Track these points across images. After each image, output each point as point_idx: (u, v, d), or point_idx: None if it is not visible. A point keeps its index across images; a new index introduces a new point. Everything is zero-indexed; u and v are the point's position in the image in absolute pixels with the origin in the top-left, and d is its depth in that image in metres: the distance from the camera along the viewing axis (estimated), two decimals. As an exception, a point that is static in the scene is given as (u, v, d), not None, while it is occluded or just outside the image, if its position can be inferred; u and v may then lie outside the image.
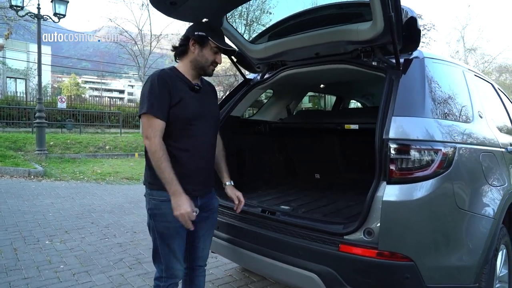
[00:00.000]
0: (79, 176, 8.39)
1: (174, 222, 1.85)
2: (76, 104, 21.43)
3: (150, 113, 1.78)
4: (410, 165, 1.73)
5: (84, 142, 12.68)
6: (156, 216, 1.90)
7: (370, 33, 2.16)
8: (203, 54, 1.93)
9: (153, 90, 1.82)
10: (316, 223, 2.00)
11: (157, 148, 1.77)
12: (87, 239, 4.18)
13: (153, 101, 1.80)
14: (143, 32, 19.60)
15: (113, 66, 43.54)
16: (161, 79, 1.85)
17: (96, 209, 5.54)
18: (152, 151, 1.78)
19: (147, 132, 1.79)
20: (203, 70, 1.98)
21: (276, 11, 2.77)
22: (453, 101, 2.13)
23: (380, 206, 1.72)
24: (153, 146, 1.77)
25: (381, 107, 1.91)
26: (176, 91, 1.87)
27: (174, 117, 1.86)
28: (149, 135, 1.79)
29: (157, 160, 1.77)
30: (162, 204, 1.87)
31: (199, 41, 1.92)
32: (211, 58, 1.96)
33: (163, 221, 1.89)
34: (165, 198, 1.84)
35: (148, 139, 1.79)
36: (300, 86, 3.51)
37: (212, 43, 1.93)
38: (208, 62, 1.96)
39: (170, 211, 1.81)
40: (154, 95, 1.81)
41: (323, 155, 3.38)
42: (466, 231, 1.84)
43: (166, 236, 1.91)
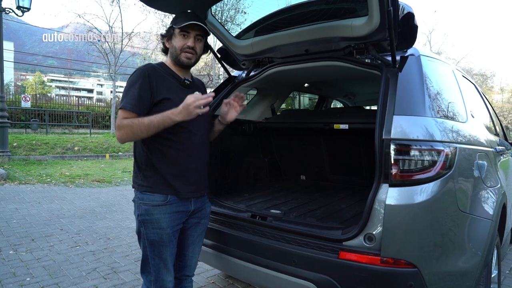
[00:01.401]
0: (46, 179, 7.92)
1: (168, 229, 1.77)
2: (41, 103, 20.44)
3: (125, 108, 1.69)
4: (412, 167, 1.65)
5: (51, 143, 12.06)
6: (147, 223, 1.77)
7: (365, 29, 2.08)
8: (172, 44, 1.88)
9: (133, 84, 1.74)
10: (312, 229, 1.88)
11: (128, 122, 1.66)
12: (56, 247, 3.89)
13: (131, 96, 1.71)
14: (114, 29, 18.95)
15: (81, 64, 42.03)
16: (143, 73, 1.76)
17: (65, 215, 5.21)
18: (129, 130, 1.66)
19: (116, 123, 1.71)
20: (178, 60, 1.87)
21: (250, 10, 2.67)
22: (448, 100, 2.08)
23: (382, 210, 1.63)
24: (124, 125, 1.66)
25: (379, 106, 1.83)
26: (162, 87, 1.77)
27: None
28: (118, 124, 1.70)
29: (138, 126, 1.65)
30: (154, 210, 1.76)
31: (167, 35, 1.90)
32: (179, 44, 1.85)
33: (155, 228, 1.77)
34: (157, 202, 1.76)
35: (118, 127, 1.69)
36: (286, 85, 3.40)
37: (176, 29, 1.85)
38: (178, 50, 1.85)
39: (164, 216, 1.75)
40: (133, 90, 1.72)
41: (309, 156, 3.29)
42: (468, 234, 1.79)
43: (157, 244, 1.79)
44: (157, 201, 1.76)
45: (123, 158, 12.54)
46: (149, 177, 1.79)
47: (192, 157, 1.85)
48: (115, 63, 18.18)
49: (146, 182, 1.77)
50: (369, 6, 1.93)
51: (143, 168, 1.80)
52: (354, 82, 3.54)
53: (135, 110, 1.69)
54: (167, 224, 1.76)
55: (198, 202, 1.92)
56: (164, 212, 1.77)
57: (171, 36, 1.88)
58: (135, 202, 1.84)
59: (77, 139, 13.22)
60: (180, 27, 1.82)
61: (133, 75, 1.78)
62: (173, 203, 1.79)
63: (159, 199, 1.76)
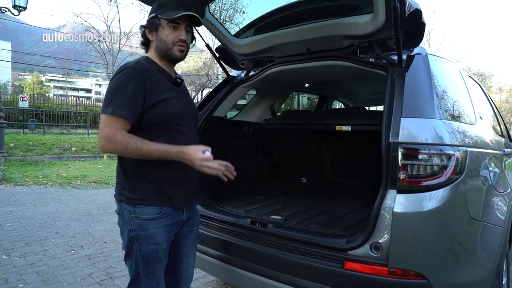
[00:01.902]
0: (42, 180, 7.81)
1: (164, 243, 1.62)
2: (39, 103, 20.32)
3: (117, 115, 1.47)
4: (421, 172, 1.56)
5: (48, 144, 11.94)
6: (141, 239, 1.59)
7: (369, 27, 1.99)
8: (159, 37, 1.64)
9: (124, 86, 1.50)
10: (314, 237, 1.79)
11: (123, 141, 1.45)
12: (50, 251, 3.79)
13: (122, 101, 1.48)
14: (112, 29, 18.85)
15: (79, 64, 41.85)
16: (136, 73, 1.53)
17: (61, 217, 5.11)
18: (122, 148, 1.46)
19: (105, 132, 1.46)
20: (169, 55, 1.66)
21: (249, 10, 2.58)
22: (457, 101, 1.99)
23: (389, 217, 1.55)
24: (119, 142, 1.45)
25: (386, 107, 1.74)
26: (158, 88, 1.58)
27: (159, 117, 1.57)
28: (109, 135, 1.45)
29: (136, 150, 1.47)
30: (149, 224, 1.58)
31: (151, 26, 1.64)
32: (170, 38, 1.63)
33: (150, 244, 1.59)
34: (152, 216, 1.58)
35: (109, 140, 1.45)
36: (287, 85, 3.31)
37: (163, 20, 1.62)
38: (169, 44, 1.64)
39: (160, 230, 1.59)
40: (124, 93, 1.49)
41: (310, 158, 3.20)
42: (479, 243, 1.70)
43: (152, 261, 1.62)
44: (152, 214, 1.58)
45: (121, 159, 12.43)
46: (141, 188, 1.59)
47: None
48: (113, 63, 18.08)
49: (138, 194, 1.58)
50: (374, 3, 1.84)
51: (134, 179, 1.60)
52: (356, 82, 3.45)
53: (129, 119, 1.49)
54: (163, 239, 1.61)
55: (190, 210, 1.79)
56: (160, 226, 1.60)
57: (156, 27, 1.63)
58: (123, 215, 1.62)
59: (74, 140, 13.12)
60: (171, 18, 1.61)
61: (122, 74, 1.53)
62: (168, 215, 1.63)
63: (154, 212, 1.59)
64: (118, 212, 1.66)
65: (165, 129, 1.59)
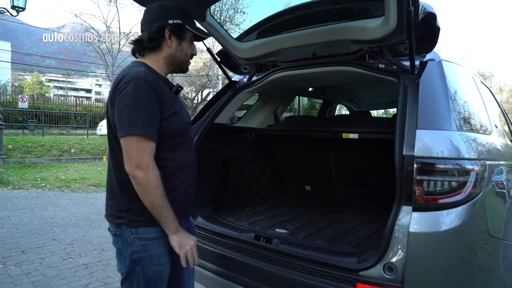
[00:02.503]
0: (40, 183, 7.71)
1: (168, 263, 1.53)
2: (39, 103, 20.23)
3: (144, 135, 1.33)
4: (439, 188, 1.46)
5: (47, 145, 11.84)
6: (145, 260, 1.47)
7: (380, 31, 1.89)
8: (182, 48, 1.53)
9: (142, 102, 1.35)
10: (323, 255, 1.68)
11: (157, 182, 1.36)
12: (47, 260, 3.69)
13: (145, 118, 1.34)
14: (111, 29, 18.73)
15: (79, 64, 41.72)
16: (151, 87, 1.38)
17: (59, 223, 5.00)
18: (151, 186, 1.35)
19: (140, 160, 1.32)
20: (181, 67, 1.59)
21: (250, 10, 2.49)
22: (473, 110, 1.88)
23: (404, 237, 1.44)
24: (153, 180, 1.35)
25: (399, 118, 1.63)
26: (167, 100, 1.45)
27: (171, 131, 1.46)
28: (143, 165, 1.33)
29: (158, 197, 1.37)
30: (152, 244, 1.47)
31: (177, 33, 1.50)
32: (189, 52, 1.57)
33: (154, 265, 1.48)
34: (155, 235, 1.47)
35: (143, 169, 1.33)
36: (290, 90, 3.21)
37: (190, 33, 1.53)
38: (188, 57, 1.57)
39: (163, 250, 1.49)
40: (144, 110, 1.35)
41: (315, 166, 3.09)
42: (502, 264, 1.60)
43: (155, 282, 1.51)
44: (156, 233, 1.47)
45: (120, 160, 12.32)
46: (145, 211, 1.42)
47: (194, 176, 1.63)
48: (112, 63, 17.96)
49: (141, 217, 1.44)
50: (386, 6, 1.74)
51: (136, 200, 1.40)
52: (361, 86, 3.35)
53: (155, 139, 1.38)
54: (166, 258, 1.52)
55: (187, 222, 1.73)
56: (163, 244, 1.50)
57: (182, 37, 1.52)
58: (122, 237, 1.47)
59: (74, 141, 13.02)
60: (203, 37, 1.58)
61: (138, 88, 1.35)
62: None
63: (158, 231, 1.47)
64: (115, 233, 1.52)
65: (171, 143, 1.49)
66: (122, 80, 1.38)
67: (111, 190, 1.53)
